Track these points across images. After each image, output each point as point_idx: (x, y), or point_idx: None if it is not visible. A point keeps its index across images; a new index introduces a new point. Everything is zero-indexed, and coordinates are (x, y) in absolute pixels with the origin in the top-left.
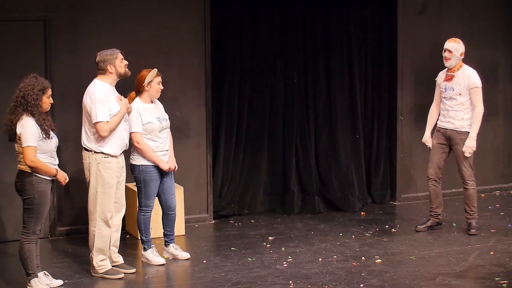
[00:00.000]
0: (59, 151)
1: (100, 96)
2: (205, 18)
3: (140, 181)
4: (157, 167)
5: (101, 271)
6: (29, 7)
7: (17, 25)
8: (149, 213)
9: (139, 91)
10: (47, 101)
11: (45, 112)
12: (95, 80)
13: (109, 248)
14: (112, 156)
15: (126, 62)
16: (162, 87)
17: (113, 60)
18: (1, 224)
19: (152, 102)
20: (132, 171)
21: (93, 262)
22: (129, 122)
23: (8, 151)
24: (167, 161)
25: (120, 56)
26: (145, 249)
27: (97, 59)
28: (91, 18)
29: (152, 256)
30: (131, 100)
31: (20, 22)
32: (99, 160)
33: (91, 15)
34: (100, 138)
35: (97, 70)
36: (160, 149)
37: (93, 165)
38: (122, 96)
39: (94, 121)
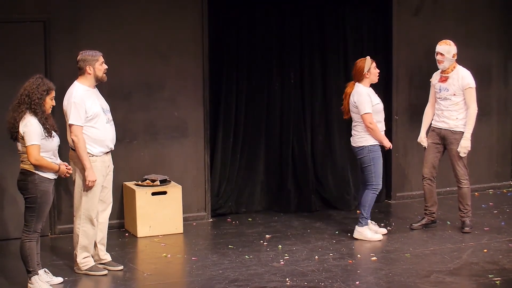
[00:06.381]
0: (58, 151)
1: (76, 99)
2: (203, 19)
3: (370, 161)
4: (381, 146)
5: (85, 268)
6: (29, 8)
7: (17, 27)
8: (378, 192)
9: (358, 80)
10: (49, 102)
11: (47, 114)
12: (75, 82)
13: (96, 246)
14: (96, 155)
15: (106, 67)
16: (378, 70)
17: (93, 61)
18: (3, 222)
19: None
20: (359, 153)
21: (77, 259)
22: (360, 105)
23: (10, 149)
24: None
25: (101, 59)
26: (361, 225)
27: (78, 57)
28: (90, 19)
29: (371, 232)
30: (350, 89)
31: (20, 24)
32: None
33: (90, 16)
34: (71, 140)
35: (78, 70)
36: (381, 129)
37: (79, 164)
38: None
39: (68, 123)
